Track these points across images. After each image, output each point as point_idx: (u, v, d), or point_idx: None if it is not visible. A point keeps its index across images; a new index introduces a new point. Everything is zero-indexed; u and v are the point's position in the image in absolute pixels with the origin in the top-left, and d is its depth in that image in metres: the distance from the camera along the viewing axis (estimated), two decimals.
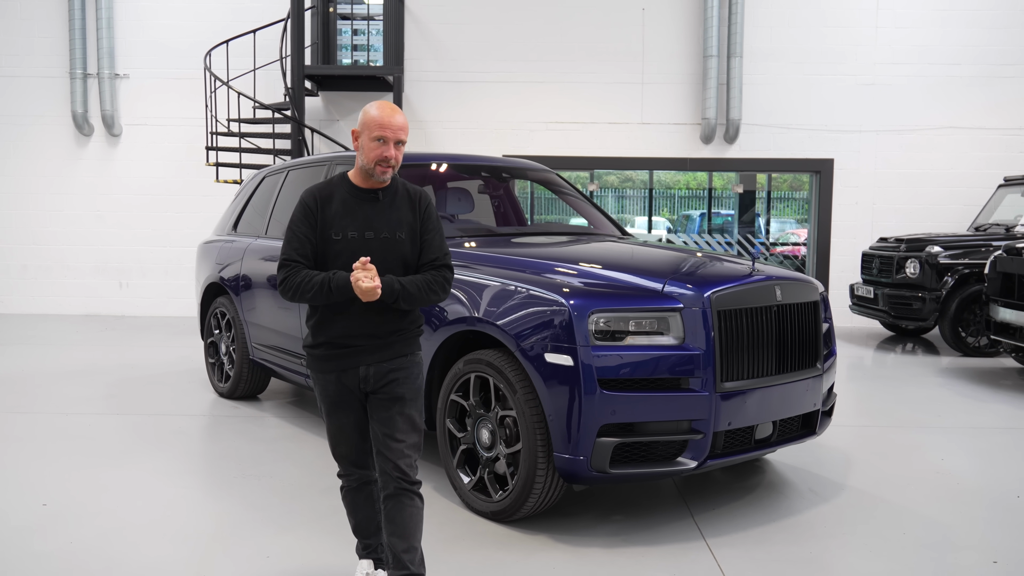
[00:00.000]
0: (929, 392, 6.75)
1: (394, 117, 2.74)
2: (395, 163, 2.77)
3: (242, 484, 4.29)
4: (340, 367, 2.81)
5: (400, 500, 2.76)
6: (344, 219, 2.78)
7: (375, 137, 2.72)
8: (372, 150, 2.73)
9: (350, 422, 2.88)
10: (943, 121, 10.81)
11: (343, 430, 2.90)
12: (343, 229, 2.78)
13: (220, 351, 6.26)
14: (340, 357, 2.81)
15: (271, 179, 6.08)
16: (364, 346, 2.80)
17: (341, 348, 2.80)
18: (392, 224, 2.80)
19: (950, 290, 8.41)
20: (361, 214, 2.79)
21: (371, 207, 2.80)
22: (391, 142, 2.73)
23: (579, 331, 3.42)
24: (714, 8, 10.52)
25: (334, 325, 2.80)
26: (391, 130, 2.73)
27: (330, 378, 2.84)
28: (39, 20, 10.90)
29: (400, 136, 2.75)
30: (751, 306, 3.67)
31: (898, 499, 4.18)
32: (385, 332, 2.81)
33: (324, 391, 2.88)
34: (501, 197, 5.73)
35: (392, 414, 2.80)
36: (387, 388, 2.81)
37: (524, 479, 3.57)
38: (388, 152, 2.73)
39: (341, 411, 2.87)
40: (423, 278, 2.80)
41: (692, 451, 3.52)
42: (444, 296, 2.84)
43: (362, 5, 11.55)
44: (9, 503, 3.95)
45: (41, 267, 11.12)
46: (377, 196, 2.82)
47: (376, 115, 2.74)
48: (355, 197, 2.81)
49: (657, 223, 13.27)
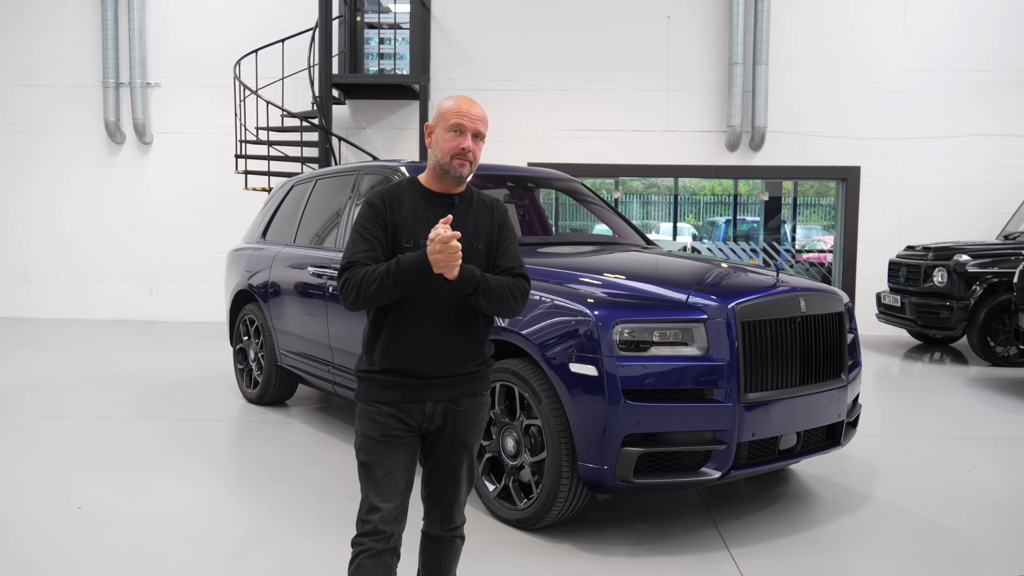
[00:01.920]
0: (957, 402, 6.70)
1: (472, 107, 2.46)
2: (473, 158, 2.46)
3: (271, 489, 4.36)
4: (404, 398, 2.41)
5: (443, 541, 2.58)
6: (416, 224, 2.43)
7: (451, 127, 2.43)
8: (447, 141, 2.43)
9: (400, 465, 2.40)
10: (971, 128, 10.71)
11: (391, 475, 2.39)
12: (415, 236, 2.41)
13: (249, 357, 6.36)
14: (406, 387, 2.41)
15: (299, 188, 6.17)
16: (435, 378, 2.42)
17: (409, 377, 2.40)
18: (469, 233, 2.46)
19: (978, 299, 8.34)
20: (435, 219, 2.38)
21: (445, 212, 2.42)
22: (468, 133, 2.44)
23: (604, 341, 3.46)
24: (740, 16, 10.51)
25: (402, 349, 2.40)
26: (469, 119, 2.44)
27: (386, 410, 2.40)
28: (73, 31, 11.12)
29: (479, 128, 2.46)
30: (775, 317, 3.68)
31: (924, 511, 4.17)
32: (460, 360, 2.45)
33: (374, 425, 2.41)
34: (527, 206, 5.78)
35: (455, 463, 2.50)
36: (454, 433, 2.47)
37: (549, 488, 3.60)
38: (465, 143, 2.43)
39: (392, 451, 2.39)
40: (505, 280, 2.42)
41: (716, 461, 3.54)
42: (521, 307, 2.46)
43: (389, 14, 11.66)
44: (45, 507, 4.05)
45: (74, 273, 11.32)
46: (453, 201, 2.50)
47: (452, 105, 2.46)
48: (427, 202, 2.48)
49: (682, 229, 13.26)
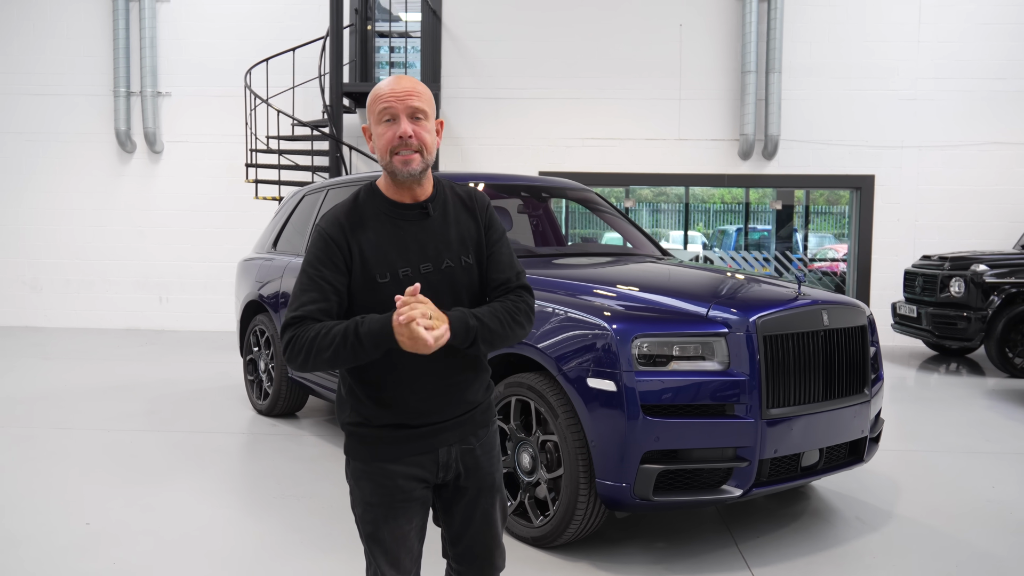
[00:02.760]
0: (976, 415, 6.59)
1: (399, 82, 1.92)
2: (419, 144, 1.91)
3: (282, 504, 4.29)
4: (413, 451, 2.00)
5: None
6: (388, 251, 1.94)
7: (379, 116, 1.92)
8: (381, 136, 1.92)
9: (414, 527, 2.03)
10: (987, 136, 10.61)
11: (405, 541, 2.02)
12: (390, 266, 1.93)
13: (259, 368, 6.30)
14: (411, 439, 1.99)
15: (311, 198, 6.12)
16: (443, 420, 2.01)
17: (412, 428, 1.99)
18: (454, 246, 2.00)
19: (996, 309, 8.23)
20: (410, 239, 1.96)
21: (419, 227, 1.97)
22: (402, 115, 1.90)
23: (622, 355, 3.38)
24: (752, 24, 10.45)
25: (399, 393, 1.97)
26: (396, 98, 1.90)
27: (392, 470, 1.98)
28: (84, 40, 11.14)
29: (413, 103, 1.90)
30: (797, 331, 3.60)
31: (948, 529, 4.07)
32: (467, 394, 2.05)
33: (380, 490, 1.99)
34: (540, 216, 5.71)
35: (487, 507, 2.11)
36: (478, 475, 2.08)
37: (566, 505, 3.53)
38: (401, 128, 1.89)
39: (403, 516, 2.00)
40: (503, 307, 1.97)
41: (737, 479, 3.45)
42: (529, 328, 2.02)
43: (400, 23, 11.65)
44: (53, 522, 3.99)
45: (84, 282, 11.31)
46: (426, 210, 1.99)
47: (376, 90, 1.94)
48: (394, 217, 1.97)
49: (692, 238, 13.16)
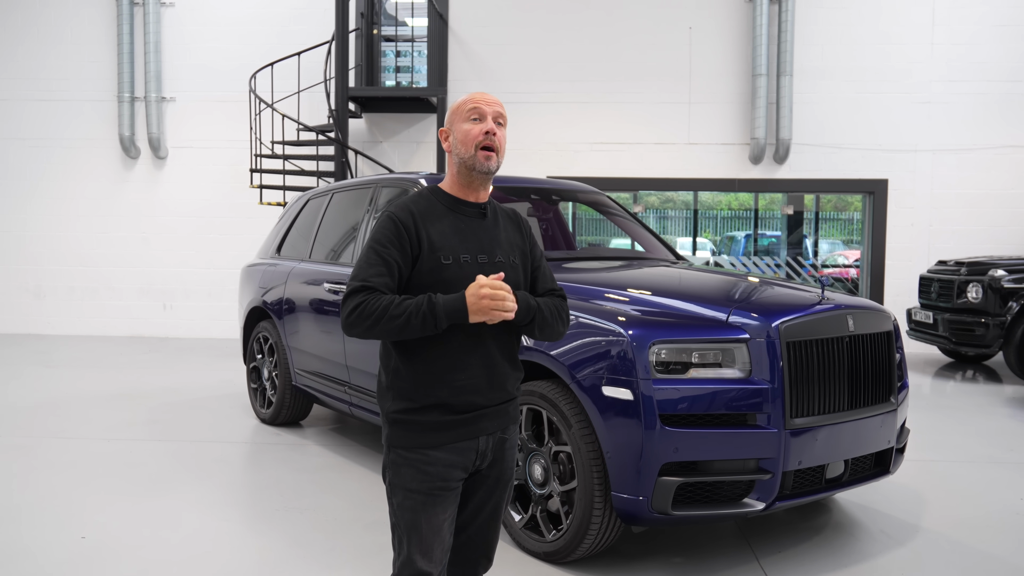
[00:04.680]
0: (998, 423, 6.41)
1: (487, 95, 2.21)
2: (498, 145, 2.17)
3: (284, 517, 4.15)
4: (457, 437, 2.10)
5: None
6: (451, 238, 2.14)
7: (468, 115, 2.17)
8: (468, 132, 2.15)
9: (447, 518, 2.13)
10: (1003, 139, 10.44)
11: (440, 531, 2.12)
12: (452, 251, 2.13)
13: (263, 376, 6.17)
14: (458, 425, 2.10)
15: (315, 202, 5.99)
16: (486, 408, 2.14)
17: (457, 413, 2.10)
18: (504, 246, 2.23)
19: (1015, 316, 8.05)
20: (469, 232, 2.17)
21: (477, 224, 2.21)
22: (488, 117, 2.16)
23: (639, 363, 3.23)
24: (763, 27, 10.31)
25: (452, 378, 2.09)
26: (486, 103, 2.18)
27: (437, 456, 2.09)
28: (89, 45, 11.05)
29: (498, 110, 2.19)
30: (822, 337, 3.45)
31: (976, 543, 3.91)
32: (506, 383, 2.19)
33: (423, 477, 2.09)
34: (550, 220, 5.57)
35: (498, 501, 2.27)
36: (503, 467, 2.24)
37: (579, 519, 3.37)
38: (488, 126, 2.14)
39: (440, 504, 2.10)
40: (552, 303, 2.23)
41: (759, 492, 3.30)
42: (566, 330, 2.27)
43: (406, 27, 11.54)
44: (49, 536, 3.85)
45: (88, 289, 11.20)
46: (484, 212, 2.25)
47: (465, 97, 2.22)
48: (456, 212, 2.20)
49: (700, 244, 13.00)
